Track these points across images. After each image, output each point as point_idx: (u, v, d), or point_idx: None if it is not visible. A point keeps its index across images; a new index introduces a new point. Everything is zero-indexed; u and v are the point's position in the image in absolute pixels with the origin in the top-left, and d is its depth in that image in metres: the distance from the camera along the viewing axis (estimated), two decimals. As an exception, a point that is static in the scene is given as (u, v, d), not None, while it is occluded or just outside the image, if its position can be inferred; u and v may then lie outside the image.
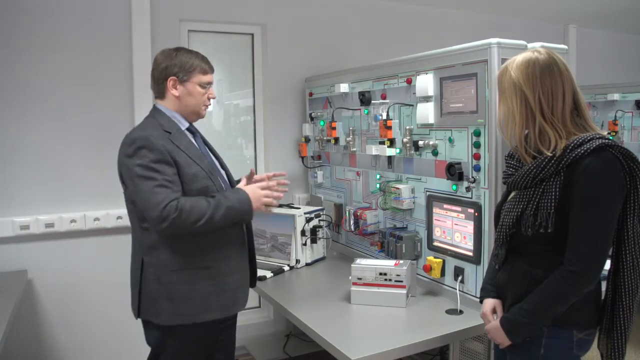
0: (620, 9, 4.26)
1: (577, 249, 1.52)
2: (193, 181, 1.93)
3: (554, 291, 1.55)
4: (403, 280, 2.25)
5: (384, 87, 2.72)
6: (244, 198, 1.98)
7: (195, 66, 2.03)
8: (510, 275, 1.71)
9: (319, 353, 2.32)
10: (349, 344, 1.89)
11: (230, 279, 2.03)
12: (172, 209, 1.80)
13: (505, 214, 1.67)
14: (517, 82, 1.57)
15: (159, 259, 1.94)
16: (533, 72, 1.56)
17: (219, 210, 1.88)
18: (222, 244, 2.00)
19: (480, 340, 2.19)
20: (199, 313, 1.96)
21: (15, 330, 2.66)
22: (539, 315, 1.58)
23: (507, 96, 1.61)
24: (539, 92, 1.55)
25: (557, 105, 1.55)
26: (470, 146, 2.20)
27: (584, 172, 1.49)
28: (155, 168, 1.85)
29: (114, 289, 2.93)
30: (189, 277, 1.94)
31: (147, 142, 1.87)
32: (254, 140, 3.58)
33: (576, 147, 1.51)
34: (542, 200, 1.55)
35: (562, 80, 1.56)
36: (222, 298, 2.00)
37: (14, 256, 2.83)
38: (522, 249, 1.66)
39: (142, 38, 3.02)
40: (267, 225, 3.02)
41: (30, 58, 2.82)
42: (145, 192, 1.83)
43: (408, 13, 3.89)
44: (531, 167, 1.58)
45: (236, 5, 3.34)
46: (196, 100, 2.05)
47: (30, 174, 2.85)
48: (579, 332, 1.61)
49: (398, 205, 2.57)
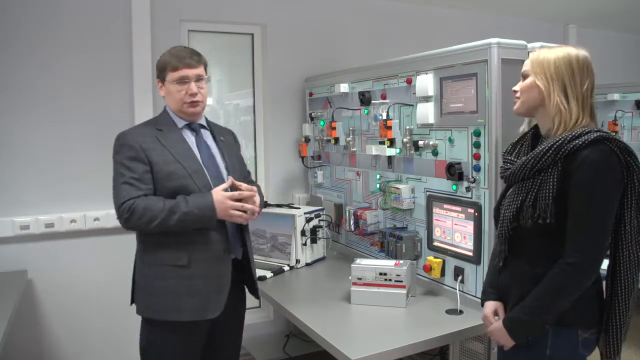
0: (620, 9, 4.27)
1: (575, 240, 1.52)
2: (168, 179, 1.94)
3: (554, 285, 1.55)
4: (403, 280, 2.25)
5: (384, 87, 2.72)
6: (208, 204, 1.91)
7: (166, 64, 2.02)
8: (511, 276, 1.71)
9: (319, 353, 2.32)
10: (349, 344, 1.89)
11: (204, 283, 1.98)
12: (126, 208, 1.87)
13: (505, 208, 1.67)
14: (561, 68, 1.60)
15: (140, 252, 2.04)
16: (577, 62, 1.60)
17: (173, 215, 1.87)
18: (198, 245, 1.97)
19: (480, 340, 2.19)
20: (169, 311, 1.96)
21: (15, 330, 2.66)
22: (541, 312, 1.57)
23: (544, 77, 1.62)
24: (580, 81, 1.59)
25: (588, 94, 1.61)
26: (470, 146, 2.20)
27: (581, 163, 1.50)
28: (127, 165, 1.92)
29: (114, 288, 2.93)
30: (160, 274, 1.97)
31: (124, 139, 1.96)
32: (254, 140, 3.58)
33: (574, 139, 1.52)
34: (540, 190, 1.56)
35: (593, 79, 1.62)
36: (193, 301, 1.96)
37: (14, 256, 2.83)
38: (522, 247, 1.66)
39: (142, 38, 3.02)
40: (267, 225, 3.02)
41: (30, 58, 2.82)
42: (114, 188, 1.94)
43: (408, 13, 3.89)
44: (529, 158, 1.59)
45: (236, 5, 3.34)
46: (174, 98, 2.04)
47: (30, 174, 2.85)
48: (583, 332, 1.61)
49: (398, 205, 2.57)
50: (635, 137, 3.87)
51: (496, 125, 2.07)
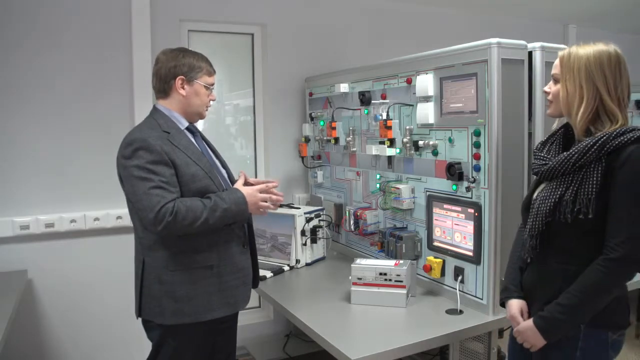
0: (620, 9, 4.26)
1: (619, 235, 1.49)
2: (192, 181, 1.93)
3: (595, 282, 1.51)
4: (403, 280, 2.25)
5: (384, 87, 2.72)
6: (241, 199, 1.98)
7: (202, 67, 2.06)
8: (539, 274, 1.67)
9: (319, 353, 2.32)
10: (349, 344, 1.89)
11: (232, 278, 2.03)
12: (168, 212, 1.81)
13: (540, 202, 1.62)
14: (594, 67, 1.57)
15: (160, 259, 1.94)
16: (609, 60, 1.58)
17: (215, 213, 1.89)
18: (222, 243, 2.01)
19: (480, 340, 2.19)
20: (201, 312, 1.96)
21: (16, 330, 2.66)
22: (579, 311, 1.54)
23: (577, 77, 1.58)
24: (614, 79, 1.57)
25: (624, 94, 1.58)
26: (470, 146, 2.20)
27: (627, 159, 1.48)
28: (152, 169, 1.85)
29: (114, 288, 2.94)
30: (190, 277, 1.95)
31: (145, 143, 1.88)
32: (253, 140, 3.58)
33: (619, 136, 1.50)
34: (583, 185, 1.52)
35: (627, 75, 1.60)
36: (223, 296, 2.01)
37: (14, 256, 2.83)
38: (552, 244, 1.62)
39: (142, 38, 3.02)
40: (267, 225, 3.02)
41: (30, 58, 2.82)
42: (141, 194, 1.84)
43: (408, 13, 3.89)
44: (572, 153, 1.55)
45: (236, 5, 3.34)
46: (201, 101, 2.08)
47: (30, 174, 2.85)
48: (613, 334, 1.59)
49: (398, 205, 2.57)
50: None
51: (496, 125, 2.07)
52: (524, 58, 2.12)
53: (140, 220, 1.91)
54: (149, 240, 1.95)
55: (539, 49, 2.12)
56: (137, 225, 2.00)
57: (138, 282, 2.00)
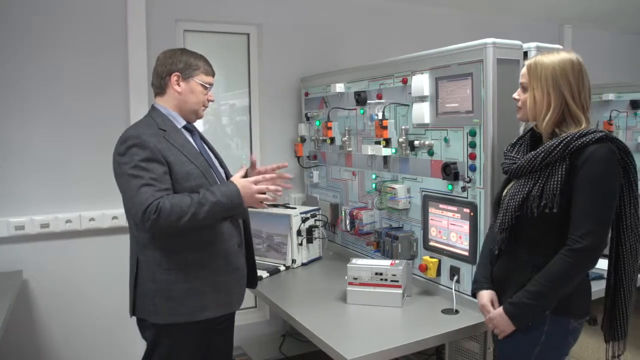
0: (615, 9, 4.28)
1: (581, 228, 1.61)
2: (186, 179, 1.93)
3: (560, 270, 1.63)
4: (399, 280, 2.25)
5: (379, 87, 2.72)
6: (233, 192, 1.91)
7: (199, 66, 2.06)
8: (509, 265, 1.79)
9: (315, 353, 2.32)
10: (345, 344, 1.89)
11: (226, 278, 2.03)
12: (153, 209, 1.79)
13: (509, 198, 1.74)
14: (559, 75, 1.67)
15: (153, 258, 1.94)
16: (572, 68, 1.68)
17: (203, 207, 1.85)
18: (217, 242, 2.00)
19: (476, 339, 2.20)
20: (195, 311, 1.95)
21: (11, 330, 2.65)
22: (546, 296, 1.65)
23: (545, 85, 1.69)
24: (578, 85, 1.68)
25: (587, 98, 1.71)
26: (465, 146, 2.20)
27: (589, 157, 1.60)
28: (144, 167, 1.85)
29: (109, 289, 2.93)
30: (184, 276, 1.94)
31: (139, 140, 1.87)
32: (249, 140, 3.58)
33: (582, 136, 1.62)
34: (548, 182, 1.65)
35: (588, 80, 1.71)
36: (218, 296, 2.00)
37: (9, 256, 2.82)
38: (522, 237, 1.74)
39: (138, 38, 3.02)
40: (263, 225, 3.02)
41: (25, 58, 2.82)
42: (131, 191, 1.83)
43: (404, 13, 3.90)
44: (539, 152, 1.67)
45: (232, 5, 3.34)
46: (197, 99, 2.06)
47: (26, 174, 2.85)
48: (574, 321, 1.73)
49: (394, 205, 2.57)
50: (630, 137, 3.89)
51: (492, 125, 2.08)
52: (520, 58, 2.13)
53: (132, 218, 1.91)
54: (144, 239, 1.95)
55: (535, 49, 2.12)
56: (131, 223, 1.99)
57: (132, 281, 1.99)
